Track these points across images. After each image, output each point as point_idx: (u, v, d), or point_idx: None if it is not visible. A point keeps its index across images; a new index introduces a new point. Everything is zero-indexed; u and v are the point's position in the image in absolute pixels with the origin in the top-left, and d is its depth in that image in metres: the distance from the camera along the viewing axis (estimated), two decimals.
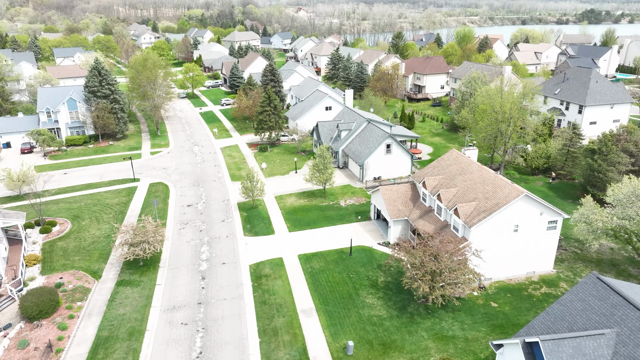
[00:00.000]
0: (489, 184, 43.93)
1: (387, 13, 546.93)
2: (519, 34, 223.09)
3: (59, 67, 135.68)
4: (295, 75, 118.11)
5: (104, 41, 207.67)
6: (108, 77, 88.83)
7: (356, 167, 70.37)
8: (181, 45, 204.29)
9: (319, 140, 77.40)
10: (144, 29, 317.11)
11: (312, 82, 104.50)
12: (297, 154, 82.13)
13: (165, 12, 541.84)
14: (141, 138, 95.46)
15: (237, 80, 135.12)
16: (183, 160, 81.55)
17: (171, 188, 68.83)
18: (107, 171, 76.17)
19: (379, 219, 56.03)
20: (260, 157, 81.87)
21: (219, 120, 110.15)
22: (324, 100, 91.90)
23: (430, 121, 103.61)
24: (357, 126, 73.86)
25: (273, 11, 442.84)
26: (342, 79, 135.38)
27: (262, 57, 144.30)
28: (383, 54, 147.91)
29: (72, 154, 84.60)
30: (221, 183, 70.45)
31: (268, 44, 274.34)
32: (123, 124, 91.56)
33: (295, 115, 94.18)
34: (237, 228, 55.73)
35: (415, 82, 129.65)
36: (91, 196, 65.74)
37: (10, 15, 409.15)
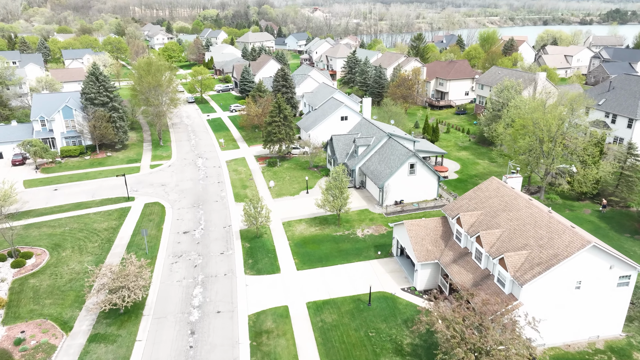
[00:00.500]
0: (542, 226, 35.54)
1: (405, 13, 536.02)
2: (545, 35, 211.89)
3: (64, 70, 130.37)
4: (309, 81, 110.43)
5: (114, 42, 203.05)
6: (106, 83, 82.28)
7: (375, 188, 62.34)
8: (193, 46, 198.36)
9: (333, 156, 69.54)
10: (157, 29, 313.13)
11: (326, 89, 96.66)
12: (309, 170, 74.39)
13: (180, 13, 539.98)
14: (142, 148, 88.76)
15: (247, 85, 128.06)
16: (184, 175, 74.47)
17: (168, 210, 61.68)
18: (101, 187, 69.47)
19: (403, 256, 47.96)
20: (269, 173, 74.34)
21: (227, 128, 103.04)
22: (340, 109, 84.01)
23: (455, 132, 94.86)
24: (376, 141, 65.78)
25: (288, 11, 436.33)
26: (359, 84, 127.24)
27: (275, 60, 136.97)
28: (402, 57, 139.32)
29: (66, 167, 78.22)
30: (223, 204, 63.06)
31: (282, 45, 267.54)
32: (122, 134, 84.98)
33: (308, 125, 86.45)
34: (237, 263, 48.19)
35: (438, 87, 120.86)
36: (78, 219, 58.93)
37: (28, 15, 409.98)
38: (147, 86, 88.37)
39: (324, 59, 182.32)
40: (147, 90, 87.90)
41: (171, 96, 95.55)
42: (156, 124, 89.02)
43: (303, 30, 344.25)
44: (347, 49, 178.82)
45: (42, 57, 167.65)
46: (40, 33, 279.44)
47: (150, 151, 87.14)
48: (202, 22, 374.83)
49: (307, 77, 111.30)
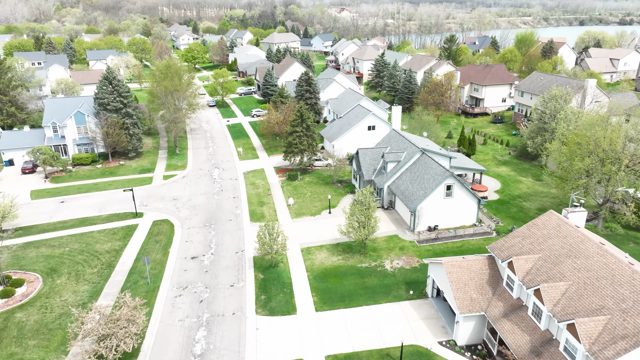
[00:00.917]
0: (623, 283, 28.30)
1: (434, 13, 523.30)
2: (585, 36, 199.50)
3: (85, 72, 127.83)
4: (334, 86, 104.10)
5: (139, 43, 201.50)
6: (120, 88, 77.99)
7: (405, 209, 55.57)
8: (217, 47, 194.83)
9: (359, 172, 63.04)
10: (183, 29, 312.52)
11: (352, 95, 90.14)
12: (332, 186, 68.11)
13: (208, 13, 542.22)
14: (157, 156, 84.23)
15: (270, 89, 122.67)
16: (198, 188, 69.30)
17: (177, 229, 56.45)
18: (110, 200, 64.93)
19: (439, 298, 41.17)
20: (288, 187, 68.40)
21: (247, 135, 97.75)
22: (367, 118, 77.44)
23: (492, 144, 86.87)
24: (407, 157, 58.96)
25: (315, 11, 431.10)
26: (387, 89, 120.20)
27: (299, 62, 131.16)
28: (434, 60, 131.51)
29: (76, 176, 74.21)
30: (237, 224, 57.42)
31: (308, 46, 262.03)
32: (136, 141, 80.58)
33: (332, 135, 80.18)
34: (248, 299, 42.33)
35: (472, 93, 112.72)
36: (81, 237, 54.26)
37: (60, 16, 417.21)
38: (163, 90, 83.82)
39: (350, 61, 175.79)
40: (163, 95, 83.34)
41: (189, 101, 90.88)
42: (172, 131, 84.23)
43: (329, 31, 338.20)
44: (375, 51, 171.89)
45: (66, 57, 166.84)
46: (69, 33, 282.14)
47: (165, 160, 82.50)
48: (228, 22, 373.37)
49: (333, 81, 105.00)
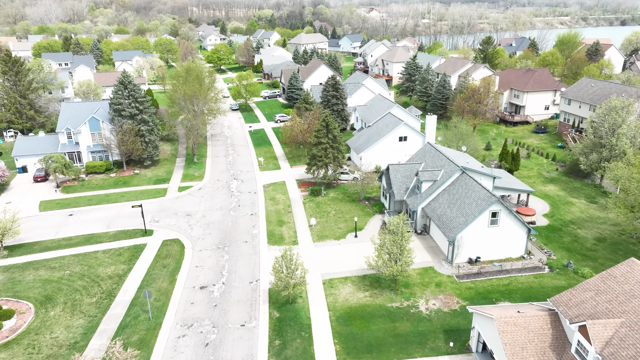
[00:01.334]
0: None
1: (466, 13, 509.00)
2: (633, 37, 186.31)
3: (107, 73, 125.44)
4: (363, 91, 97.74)
5: (165, 43, 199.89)
6: (136, 92, 73.88)
7: (441, 236, 48.95)
8: (242, 48, 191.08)
9: (389, 190, 56.65)
10: (211, 30, 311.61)
11: (382, 103, 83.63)
12: (359, 203, 61.92)
13: (236, 13, 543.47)
14: (174, 165, 79.87)
15: (295, 92, 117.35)
16: (214, 202, 64.32)
17: (188, 251, 51.45)
18: (120, 215, 60.62)
19: (485, 353, 34.54)
20: (311, 204, 62.60)
21: (269, 142, 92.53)
22: (398, 128, 70.90)
23: (537, 157, 78.82)
24: (445, 176, 52.25)
25: (344, 11, 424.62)
26: (419, 94, 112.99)
27: (326, 65, 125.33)
28: (469, 63, 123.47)
29: (88, 186, 70.45)
30: (254, 246, 51.99)
31: (336, 46, 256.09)
32: (152, 149, 76.38)
33: (360, 146, 73.97)
34: (260, 344, 36.70)
35: (512, 100, 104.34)
36: (84, 258, 49.89)
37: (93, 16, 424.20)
38: (182, 96, 79.46)
39: (379, 63, 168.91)
40: (182, 100, 78.95)
41: (210, 106, 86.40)
42: (189, 139, 79.66)
43: (358, 31, 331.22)
44: (405, 53, 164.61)
45: (93, 58, 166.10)
46: (99, 34, 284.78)
47: (182, 169, 78.03)
48: (256, 23, 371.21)
49: (361, 86, 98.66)
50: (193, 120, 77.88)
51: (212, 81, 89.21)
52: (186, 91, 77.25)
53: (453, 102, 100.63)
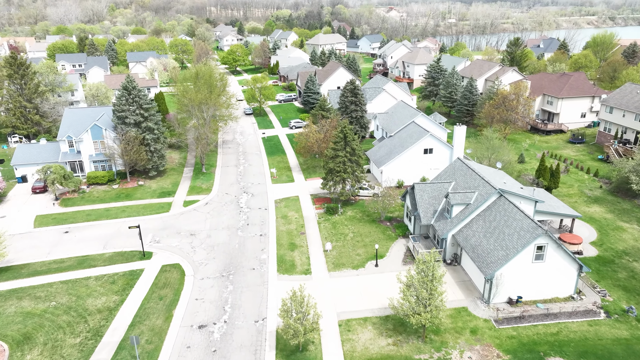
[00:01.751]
0: None
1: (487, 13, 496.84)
2: None
3: (118, 75, 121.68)
4: (384, 97, 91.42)
5: (180, 44, 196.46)
6: (141, 99, 69.06)
7: (475, 269, 42.60)
8: (259, 49, 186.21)
9: (415, 212, 50.45)
10: (228, 30, 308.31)
11: (405, 110, 77.20)
12: (380, 224, 55.80)
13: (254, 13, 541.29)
14: (181, 176, 74.88)
15: (311, 97, 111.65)
16: (221, 220, 58.97)
17: (188, 279, 46.12)
18: (119, 233, 55.74)
19: None
20: (326, 224, 56.74)
21: (283, 150, 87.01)
22: (423, 140, 64.51)
23: (576, 172, 71.43)
24: (479, 199, 45.82)
25: (363, 11, 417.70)
26: (443, 99, 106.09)
27: (345, 68, 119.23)
28: (497, 66, 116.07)
29: (89, 199, 65.87)
30: (261, 275, 46.41)
31: (354, 47, 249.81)
32: (158, 159, 71.49)
33: (381, 158, 67.80)
34: None
35: (545, 106, 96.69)
36: (74, 286, 44.96)
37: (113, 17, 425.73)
38: (189, 102, 74.49)
39: (399, 65, 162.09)
40: (191, 107, 73.97)
41: (221, 112, 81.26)
42: (197, 148, 74.48)
43: (377, 32, 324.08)
44: (427, 54, 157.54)
45: (107, 60, 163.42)
46: (117, 34, 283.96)
47: (190, 180, 72.97)
48: (274, 23, 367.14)
49: (382, 91, 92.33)
50: (201, 129, 72.71)
51: (223, 85, 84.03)
52: (194, 97, 72.14)
53: (481, 108, 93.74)
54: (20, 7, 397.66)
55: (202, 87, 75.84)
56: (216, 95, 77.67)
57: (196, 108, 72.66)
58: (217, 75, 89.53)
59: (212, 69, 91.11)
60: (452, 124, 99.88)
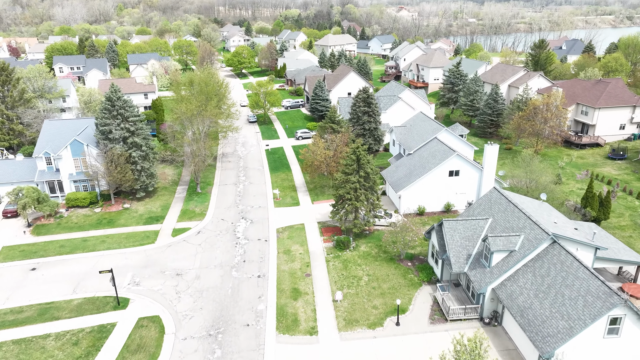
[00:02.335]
0: None
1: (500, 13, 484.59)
2: None
3: (114, 80, 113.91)
4: (400, 106, 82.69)
5: (184, 45, 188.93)
6: (126, 111, 61.00)
7: (522, 335, 33.79)
8: (265, 51, 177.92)
9: (443, 255, 41.74)
10: (235, 30, 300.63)
11: (426, 124, 68.32)
12: (399, 264, 47.15)
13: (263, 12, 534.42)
14: (173, 197, 66.76)
15: (320, 104, 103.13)
16: (213, 255, 50.70)
17: (167, 339, 37.80)
18: (94, 270, 47.66)
19: None
20: (336, 262, 48.20)
21: (288, 165, 78.66)
22: (449, 160, 55.68)
23: (624, 197, 62.02)
24: (527, 245, 36.94)
25: (373, 11, 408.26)
26: (464, 108, 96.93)
27: (356, 73, 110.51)
28: (521, 71, 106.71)
29: (66, 225, 57.93)
30: (257, 334, 37.98)
31: (365, 48, 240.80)
32: (147, 178, 63.39)
33: (398, 180, 59.06)
34: None
35: (578, 117, 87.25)
36: (27, 348, 36.86)
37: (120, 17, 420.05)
38: (182, 114, 66.37)
39: (413, 67, 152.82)
40: (184, 119, 65.83)
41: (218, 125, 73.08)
42: (192, 164, 66.25)
43: (388, 32, 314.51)
44: (442, 57, 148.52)
45: (107, 62, 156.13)
46: (122, 35, 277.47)
47: (182, 202, 64.82)
48: (282, 23, 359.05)
49: (398, 100, 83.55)
50: (196, 144, 64.49)
51: (222, 94, 75.79)
52: (187, 108, 63.95)
53: (508, 119, 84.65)
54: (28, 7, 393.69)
55: (197, 96, 67.61)
56: (213, 105, 69.37)
57: (190, 120, 64.42)
58: (217, 82, 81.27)
59: (211, 74, 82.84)
60: (474, 135, 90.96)
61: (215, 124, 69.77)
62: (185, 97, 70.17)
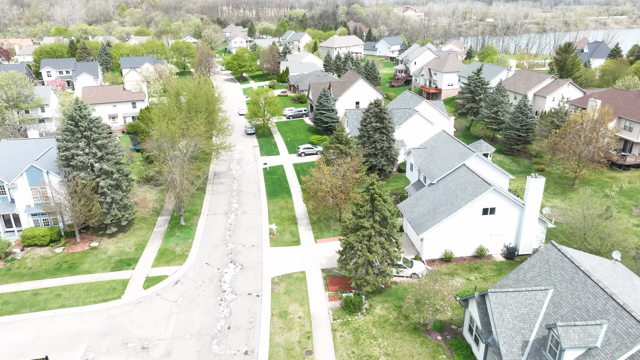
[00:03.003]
0: None
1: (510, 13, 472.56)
2: None
3: (99, 87, 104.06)
4: (416, 120, 72.27)
5: (182, 47, 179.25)
6: (94, 132, 50.92)
7: None
8: (267, 53, 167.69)
9: (489, 338, 31.33)
10: (237, 31, 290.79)
11: (449, 145, 57.76)
12: (426, 338, 36.74)
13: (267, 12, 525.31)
14: (151, 231, 56.71)
15: (325, 115, 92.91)
16: (192, 316, 40.55)
17: None
18: (40, 340, 37.64)
19: None
20: (344, 332, 37.90)
21: (288, 189, 68.55)
22: (483, 196, 45.21)
23: None
24: (615, 342, 26.45)
25: (380, 11, 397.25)
26: (486, 121, 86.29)
27: (365, 80, 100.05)
28: (548, 78, 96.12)
29: (17, 271, 47.99)
30: None
31: (372, 50, 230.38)
32: (119, 210, 53.32)
33: (420, 218, 48.61)
34: None
35: (621, 134, 76.37)
36: None
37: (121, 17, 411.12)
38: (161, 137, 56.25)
39: (425, 72, 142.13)
40: (162, 141, 55.68)
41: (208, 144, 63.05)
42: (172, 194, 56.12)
43: (396, 33, 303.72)
44: (456, 61, 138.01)
45: (98, 65, 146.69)
46: (120, 36, 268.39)
47: (162, 238, 54.75)
48: (287, 23, 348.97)
49: (413, 114, 73.11)
50: (177, 172, 54.25)
51: (212, 109, 65.63)
52: (168, 129, 53.81)
53: (541, 136, 74.13)
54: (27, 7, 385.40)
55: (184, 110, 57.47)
56: (200, 121, 59.23)
57: (171, 143, 54.28)
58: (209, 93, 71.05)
59: (201, 84, 72.69)
60: (499, 152, 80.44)
61: (204, 144, 59.54)
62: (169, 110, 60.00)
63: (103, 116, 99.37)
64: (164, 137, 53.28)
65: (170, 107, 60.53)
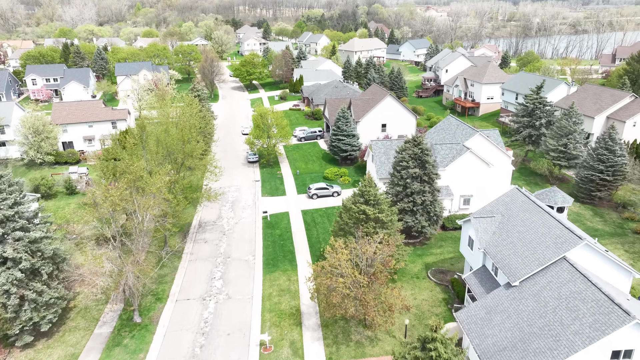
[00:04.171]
0: None
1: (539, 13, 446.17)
2: None
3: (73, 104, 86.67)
4: (467, 160, 53.13)
5: (186, 51, 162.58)
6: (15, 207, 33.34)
7: None
8: (280, 59, 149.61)
9: None
10: (252, 32, 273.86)
11: (534, 215, 37.43)
12: None
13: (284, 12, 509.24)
14: (90, 334, 38.84)
15: (343, 141, 74.42)
16: None
17: None
18: None
19: None
20: None
21: (292, 253, 50.33)
22: (616, 334, 25.95)
23: None
24: None
25: (402, 11, 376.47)
26: (552, 155, 66.53)
27: (394, 99, 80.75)
28: (627, 97, 76.10)
29: None
30: None
31: (395, 54, 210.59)
32: (35, 311, 35.66)
33: (498, 354, 29.50)
34: None
35: None
36: None
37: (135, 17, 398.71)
38: (123, 183, 38.39)
39: (459, 82, 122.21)
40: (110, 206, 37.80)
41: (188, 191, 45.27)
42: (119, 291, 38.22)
43: (420, 35, 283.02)
44: (497, 70, 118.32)
45: (90, 72, 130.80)
46: (128, 37, 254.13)
47: (101, 350, 36.97)
48: (304, 24, 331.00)
49: (465, 152, 53.92)
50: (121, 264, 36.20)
51: (192, 148, 47.55)
52: (114, 193, 35.84)
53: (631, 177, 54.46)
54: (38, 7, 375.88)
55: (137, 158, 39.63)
56: (164, 171, 41.18)
57: (113, 216, 36.31)
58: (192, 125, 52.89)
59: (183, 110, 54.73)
60: (575, 200, 60.76)
61: (167, 206, 41.59)
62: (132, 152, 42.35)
63: (77, 139, 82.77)
64: (128, 183, 35.34)
65: (131, 149, 42.78)
